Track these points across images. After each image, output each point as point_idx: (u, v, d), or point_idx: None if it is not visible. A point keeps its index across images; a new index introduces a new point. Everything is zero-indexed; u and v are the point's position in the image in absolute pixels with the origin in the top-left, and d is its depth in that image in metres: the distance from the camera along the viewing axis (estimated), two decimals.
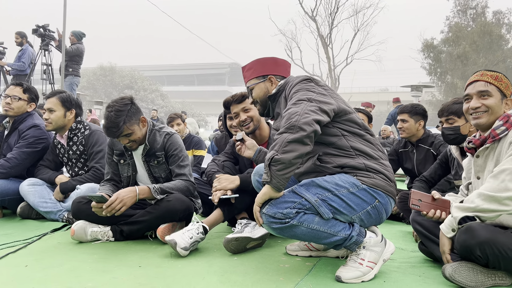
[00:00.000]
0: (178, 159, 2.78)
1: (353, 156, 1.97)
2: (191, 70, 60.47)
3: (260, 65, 2.39)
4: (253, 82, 2.38)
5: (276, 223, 1.82)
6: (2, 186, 3.20)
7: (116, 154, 2.87)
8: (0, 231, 2.87)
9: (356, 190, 1.89)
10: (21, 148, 3.33)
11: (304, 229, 1.84)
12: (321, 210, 1.84)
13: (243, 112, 2.85)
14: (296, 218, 1.82)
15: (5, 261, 2.20)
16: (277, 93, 2.26)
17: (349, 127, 2.01)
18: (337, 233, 1.88)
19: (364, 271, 1.91)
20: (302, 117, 1.79)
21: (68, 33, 8.37)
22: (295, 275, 1.99)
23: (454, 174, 2.91)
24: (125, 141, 2.68)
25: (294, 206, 1.82)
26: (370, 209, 1.93)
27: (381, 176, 1.95)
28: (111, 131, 2.59)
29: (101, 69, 42.91)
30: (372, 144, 2.05)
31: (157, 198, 2.59)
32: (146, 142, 2.76)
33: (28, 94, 3.48)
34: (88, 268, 2.08)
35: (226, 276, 1.96)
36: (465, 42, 31.96)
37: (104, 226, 2.65)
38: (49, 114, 3.26)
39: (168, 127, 2.90)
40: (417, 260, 2.30)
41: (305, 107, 1.84)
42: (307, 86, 2.02)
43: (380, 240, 1.99)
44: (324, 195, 1.87)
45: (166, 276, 1.96)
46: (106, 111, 2.62)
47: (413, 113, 3.72)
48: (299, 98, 1.91)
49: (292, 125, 1.77)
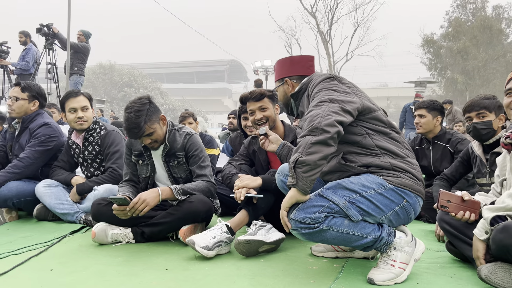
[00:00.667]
0: (198, 160, 2.76)
1: (378, 155, 1.93)
2: (190, 68, 60.35)
3: (279, 67, 2.39)
4: (276, 85, 2.42)
5: (305, 228, 1.79)
6: (18, 188, 3.16)
7: (134, 154, 2.84)
8: (19, 233, 2.85)
9: (383, 191, 1.86)
10: (33, 147, 3.30)
11: (333, 233, 1.81)
12: (350, 212, 1.81)
13: (259, 111, 2.83)
14: (325, 222, 1.79)
15: (29, 265, 2.18)
16: (300, 91, 2.24)
17: (374, 125, 1.98)
18: (367, 235, 1.86)
19: (396, 272, 1.88)
20: (324, 118, 1.77)
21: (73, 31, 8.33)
22: (325, 277, 1.97)
23: (476, 172, 2.88)
24: (147, 141, 2.65)
25: (323, 210, 1.79)
26: (399, 209, 1.90)
27: (408, 175, 1.92)
28: (133, 132, 2.56)
29: (100, 68, 42.80)
30: (398, 142, 2.01)
31: (179, 199, 2.57)
32: (166, 142, 2.73)
33: (27, 92, 3.42)
34: (114, 271, 2.06)
35: (256, 279, 1.93)
36: (465, 37, 31.91)
37: (124, 228, 2.62)
38: (84, 113, 3.29)
39: (187, 127, 2.87)
40: (445, 260, 2.27)
41: (327, 109, 1.81)
42: (329, 85, 1.99)
43: (410, 239, 1.97)
44: (351, 197, 1.84)
45: (196, 279, 1.93)
46: (126, 113, 2.59)
47: (430, 108, 3.69)
48: (321, 100, 1.88)
49: (315, 127, 1.75)
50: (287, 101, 2.37)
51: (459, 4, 33.46)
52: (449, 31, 33.32)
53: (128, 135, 2.61)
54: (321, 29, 32.41)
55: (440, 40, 34.03)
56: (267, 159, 2.93)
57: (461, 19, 33.27)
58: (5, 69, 8.37)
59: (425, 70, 34.80)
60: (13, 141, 3.48)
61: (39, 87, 3.54)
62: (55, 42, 8.33)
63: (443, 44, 33.86)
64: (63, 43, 8.26)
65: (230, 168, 2.90)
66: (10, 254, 2.35)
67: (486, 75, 30.99)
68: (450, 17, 33.63)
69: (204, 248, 2.24)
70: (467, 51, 31.32)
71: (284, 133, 2.93)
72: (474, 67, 30.91)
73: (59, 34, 8.31)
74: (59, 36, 8.31)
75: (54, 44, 8.32)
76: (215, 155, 4.36)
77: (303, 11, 32.40)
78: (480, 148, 2.86)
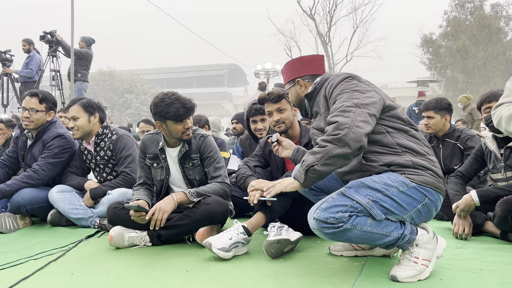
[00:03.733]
0: (213, 161, 2.76)
1: (399, 153, 1.93)
2: (190, 72, 60.31)
3: (289, 68, 2.38)
4: (287, 87, 2.41)
5: (329, 228, 1.78)
6: (31, 194, 3.16)
7: (149, 157, 2.84)
8: (34, 239, 2.85)
9: (406, 189, 1.86)
10: (47, 159, 3.29)
11: (357, 232, 1.81)
12: (373, 211, 1.81)
13: (277, 112, 2.84)
14: (349, 221, 1.78)
15: (49, 269, 2.17)
16: (314, 91, 2.24)
17: (393, 123, 1.98)
18: (390, 233, 1.86)
19: (420, 269, 1.88)
20: (352, 130, 1.76)
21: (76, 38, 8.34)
22: (348, 275, 1.96)
23: (492, 168, 2.88)
24: (188, 124, 2.69)
25: (346, 209, 1.79)
26: (421, 207, 1.90)
27: (429, 172, 1.92)
28: (189, 105, 2.65)
29: (100, 74, 42.83)
30: (418, 139, 2.01)
31: (194, 201, 2.57)
32: (185, 143, 2.75)
33: (45, 103, 3.40)
34: (135, 274, 2.06)
35: (279, 278, 1.93)
36: (464, 36, 31.97)
37: (141, 231, 2.62)
38: (74, 122, 3.24)
39: (201, 129, 2.88)
40: (465, 257, 2.27)
41: (354, 117, 1.80)
42: (350, 85, 1.98)
43: (432, 236, 1.96)
44: (374, 196, 1.83)
45: (218, 280, 1.93)
46: (172, 97, 2.63)
47: (438, 108, 3.71)
48: (346, 105, 1.86)
49: (340, 138, 1.75)
50: (300, 101, 2.36)
51: (457, 3, 33.53)
52: (448, 30, 33.40)
53: (183, 110, 2.62)
54: (320, 31, 32.48)
55: (439, 40, 34.09)
56: (283, 160, 2.93)
57: (460, 18, 33.34)
58: (9, 77, 8.39)
59: (425, 70, 34.85)
60: (25, 150, 3.48)
61: (53, 97, 3.53)
62: (59, 49, 8.34)
63: (442, 43, 33.93)
64: (67, 50, 8.27)
65: (245, 169, 2.90)
66: (28, 259, 2.34)
67: (486, 73, 31.02)
68: (449, 17, 33.71)
69: (221, 249, 2.24)
70: (466, 50, 31.38)
71: (300, 133, 2.94)
72: (474, 66, 30.95)
73: (63, 41, 8.32)
74: (63, 43, 8.31)
75: (58, 51, 8.33)
76: (226, 158, 4.36)
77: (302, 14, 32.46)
78: (494, 144, 2.87)
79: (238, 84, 61.71)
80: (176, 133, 2.69)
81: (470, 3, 33.17)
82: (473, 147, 3.51)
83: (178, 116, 2.62)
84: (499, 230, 2.68)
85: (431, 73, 34.21)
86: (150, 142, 2.86)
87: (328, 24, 32.66)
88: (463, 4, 33.33)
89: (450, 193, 2.92)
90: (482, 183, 3.60)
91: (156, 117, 2.68)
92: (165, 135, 2.79)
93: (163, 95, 2.66)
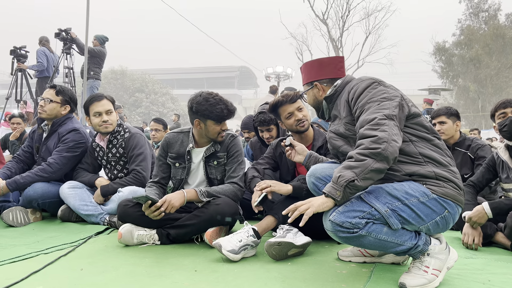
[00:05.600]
0: (236, 162, 2.80)
1: (422, 163, 1.88)
2: (201, 74, 60.60)
3: (307, 70, 2.33)
4: (304, 89, 2.37)
5: (343, 232, 1.76)
6: (43, 189, 3.20)
7: (171, 156, 2.86)
8: (45, 233, 2.88)
9: (426, 200, 1.82)
10: (61, 152, 3.33)
11: (371, 239, 1.78)
12: (391, 221, 1.78)
13: (298, 111, 2.84)
14: (364, 228, 1.76)
15: (58, 264, 2.20)
16: (334, 94, 2.18)
17: (417, 131, 1.93)
18: (404, 242, 1.83)
19: (429, 278, 1.86)
20: (390, 144, 1.73)
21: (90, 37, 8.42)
22: (356, 281, 1.96)
23: (505, 178, 2.86)
24: (226, 126, 2.73)
25: (363, 216, 1.76)
26: (439, 219, 1.85)
27: (451, 184, 1.86)
28: (232, 108, 2.70)
29: (112, 73, 43.14)
30: (441, 149, 1.94)
31: (203, 201, 2.58)
32: (217, 143, 2.79)
33: (61, 96, 3.46)
34: (144, 272, 2.07)
35: (287, 282, 1.93)
36: (477, 45, 31.76)
37: (150, 229, 2.64)
38: (109, 116, 3.30)
39: (230, 130, 2.89)
40: (474, 267, 2.25)
41: (390, 131, 1.76)
42: (378, 93, 1.92)
43: (444, 247, 1.95)
44: (394, 204, 1.80)
45: (227, 281, 1.94)
46: (216, 98, 2.67)
47: (449, 114, 3.74)
48: (379, 118, 1.80)
49: (379, 153, 1.71)
50: (318, 104, 2.31)
51: (471, 12, 33.35)
52: (461, 39, 33.20)
53: (227, 112, 2.66)
54: (332, 36, 32.46)
55: (452, 48, 33.91)
56: (294, 163, 2.93)
57: (474, 27, 33.14)
58: (23, 73, 8.50)
59: (437, 78, 34.69)
60: (40, 143, 3.52)
61: (72, 92, 3.57)
62: (73, 47, 8.44)
63: (455, 52, 33.74)
64: (81, 47, 8.35)
65: (254, 171, 2.90)
66: (39, 254, 2.37)
67: (499, 83, 30.77)
68: (462, 25, 33.52)
69: (231, 251, 2.25)
70: (479, 59, 31.15)
71: (314, 137, 2.94)
72: (487, 76, 30.71)
73: (77, 39, 8.41)
74: (77, 41, 8.41)
75: (72, 49, 8.43)
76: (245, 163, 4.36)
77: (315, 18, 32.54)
78: (506, 154, 2.85)
79: (248, 87, 61.85)
80: (213, 133, 2.71)
81: (485, 12, 32.96)
82: (483, 156, 3.49)
83: (221, 117, 2.64)
84: (509, 241, 2.65)
85: (443, 81, 34.01)
86: (174, 141, 2.86)
87: (340, 29, 32.65)
88: (477, 13, 33.14)
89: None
90: (493, 193, 3.57)
91: (197, 116, 2.67)
92: (197, 135, 2.79)
93: (207, 94, 2.68)
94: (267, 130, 3.58)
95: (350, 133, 2.03)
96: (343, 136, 2.08)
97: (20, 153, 3.63)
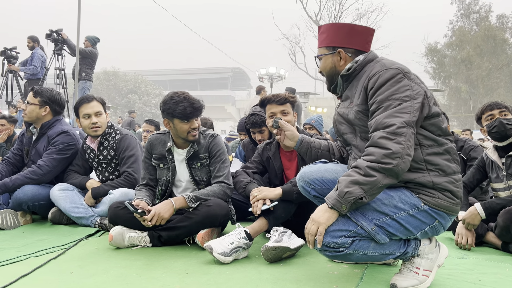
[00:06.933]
0: (219, 161, 2.78)
1: (423, 171, 1.77)
2: (194, 75, 60.48)
3: (333, 32, 2.04)
4: (321, 51, 2.08)
5: (330, 251, 1.75)
6: (33, 191, 3.17)
7: (155, 158, 2.85)
8: (35, 236, 2.85)
9: (416, 212, 1.78)
10: (51, 155, 3.30)
11: (359, 255, 1.77)
12: (378, 237, 1.76)
13: (281, 115, 2.83)
14: (351, 247, 1.74)
15: (48, 267, 2.17)
16: (353, 72, 1.97)
17: (431, 134, 1.80)
18: (392, 252, 1.82)
19: (420, 279, 1.86)
20: (403, 161, 1.65)
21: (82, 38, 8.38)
22: (348, 282, 1.96)
23: (495, 177, 2.88)
24: (194, 124, 2.68)
25: (349, 235, 1.73)
26: (428, 229, 1.82)
27: (446, 194, 1.79)
28: (197, 106, 2.65)
29: (104, 74, 42.95)
30: (450, 154, 1.82)
31: (192, 207, 2.58)
32: (194, 144, 2.76)
33: (39, 97, 3.40)
34: (135, 275, 2.05)
35: (279, 283, 1.93)
36: (469, 46, 32.01)
37: (141, 231, 2.62)
38: (98, 118, 3.27)
39: (210, 130, 2.89)
40: (465, 267, 2.26)
41: (406, 144, 1.66)
42: (401, 88, 1.75)
43: (434, 246, 1.94)
44: (381, 220, 1.76)
45: (218, 283, 1.93)
46: (181, 96, 2.64)
47: None
48: (398, 126, 1.67)
49: (391, 169, 1.64)
50: (333, 74, 2.06)
51: (462, 13, 33.59)
52: (452, 40, 33.43)
53: (191, 109, 2.62)
54: None
55: (444, 49, 34.13)
56: (281, 167, 2.91)
57: (465, 28, 33.39)
58: (14, 74, 8.43)
59: (429, 79, 34.83)
60: (30, 146, 3.49)
61: (51, 93, 3.47)
62: (64, 48, 8.38)
63: (447, 53, 33.96)
64: (72, 49, 8.31)
65: (243, 176, 2.86)
66: (28, 257, 2.34)
67: (490, 84, 31.01)
68: (454, 26, 33.76)
69: (222, 254, 2.24)
70: (470, 60, 31.39)
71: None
72: (478, 76, 30.94)
73: (68, 40, 8.36)
74: (68, 42, 8.36)
75: (63, 50, 8.37)
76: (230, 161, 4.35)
77: (307, 19, 32.54)
78: (495, 154, 2.88)
79: (242, 88, 61.80)
80: (182, 132, 2.69)
81: (476, 13, 33.23)
82: (476, 157, 3.50)
83: (184, 115, 2.63)
84: (500, 241, 2.67)
85: (435, 82, 34.22)
86: (157, 143, 2.86)
87: None
88: (468, 14, 33.39)
89: None
90: (484, 193, 3.59)
91: (164, 115, 2.70)
92: (172, 135, 2.79)
93: (173, 93, 2.68)
94: (259, 132, 3.57)
95: (360, 122, 1.90)
96: (350, 122, 1.96)
97: (10, 155, 3.60)
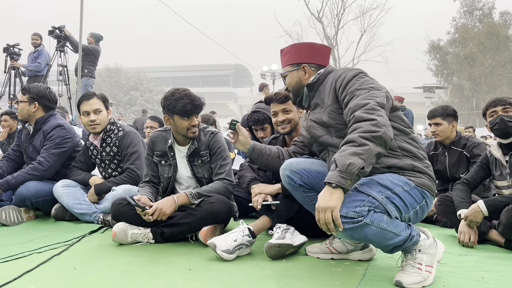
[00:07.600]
0: (220, 158, 2.78)
1: (400, 156, 1.95)
2: (196, 72, 60.42)
3: (295, 51, 2.28)
4: (287, 69, 2.30)
5: (348, 223, 1.72)
6: (36, 188, 3.18)
7: (156, 155, 2.85)
8: (38, 232, 2.86)
9: (409, 189, 1.88)
10: (49, 150, 3.30)
11: (374, 228, 1.76)
12: (389, 207, 1.80)
13: (283, 113, 2.83)
14: (368, 216, 1.74)
15: (52, 263, 2.18)
16: (317, 82, 2.19)
17: (397, 124, 1.99)
18: (400, 232, 1.84)
19: (424, 276, 1.87)
20: (388, 129, 1.75)
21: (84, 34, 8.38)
22: (351, 279, 1.96)
23: (498, 175, 2.88)
24: (194, 121, 2.69)
25: (364, 204, 1.76)
26: (418, 209, 1.92)
27: (426, 176, 1.94)
28: (197, 103, 2.65)
29: (107, 71, 42.98)
30: (416, 142, 2.02)
31: (195, 204, 2.58)
32: (194, 141, 2.76)
33: (27, 94, 3.40)
34: (138, 271, 2.06)
35: (282, 280, 1.93)
36: (471, 43, 31.91)
37: (144, 228, 2.62)
38: (97, 116, 3.25)
39: (211, 127, 2.89)
40: (468, 264, 2.26)
41: (385, 117, 1.80)
42: (366, 82, 1.97)
43: (432, 241, 1.96)
44: (386, 193, 1.83)
45: (221, 280, 1.93)
46: (182, 93, 2.65)
47: (445, 115, 3.68)
48: (373, 104, 1.82)
49: (380, 136, 1.72)
50: (299, 88, 2.27)
51: (466, 10, 33.47)
52: (455, 37, 33.32)
53: (192, 106, 2.63)
54: (328, 34, 32.52)
55: (447, 46, 34.03)
56: None
57: (468, 25, 33.27)
58: (16, 70, 8.44)
59: (431, 76, 34.79)
60: (27, 143, 3.50)
61: (39, 89, 3.43)
62: (67, 45, 8.39)
63: (450, 50, 33.87)
64: (75, 45, 8.31)
65: (249, 171, 2.87)
66: (32, 253, 2.36)
67: (493, 81, 30.92)
68: (457, 23, 33.64)
69: (225, 251, 2.24)
70: (473, 57, 31.30)
71: None
72: (481, 74, 30.85)
73: (71, 36, 8.36)
74: (71, 38, 8.36)
75: (66, 47, 8.37)
76: (231, 158, 4.36)
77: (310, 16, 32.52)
78: (499, 151, 2.87)
79: (244, 85, 61.75)
80: (182, 129, 2.69)
81: (479, 10, 33.10)
82: (479, 154, 3.49)
83: (185, 112, 2.63)
84: (503, 239, 2.67)
85: (438, 79, 34.13)
86: (159, 140, 2.87)
87: (335, 27, 32.70)
88: (471, 11, 33.27)
89: (455, 199, 2.91)
90: (487, 191, 3.58)
91: (165, 111, 2.70)
92: (173, 132, 2.80)
93: (175, 89, 2.69)
94: (262, 129, 3.57)
95: (334, 122, 2.06)
96: (325, 125, 2.10)
97: (10, 152, 3.62)
